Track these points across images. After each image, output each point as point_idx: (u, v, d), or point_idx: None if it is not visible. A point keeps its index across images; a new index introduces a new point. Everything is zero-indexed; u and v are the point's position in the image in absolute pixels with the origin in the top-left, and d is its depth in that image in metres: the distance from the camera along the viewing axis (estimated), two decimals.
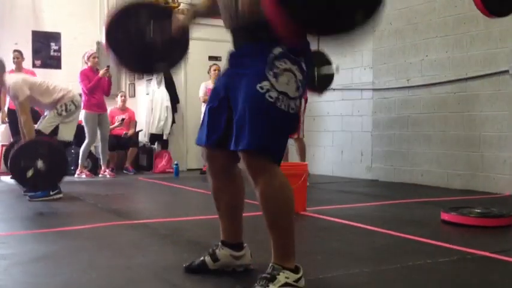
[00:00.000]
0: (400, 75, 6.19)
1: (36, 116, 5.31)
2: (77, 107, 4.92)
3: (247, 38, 2.02)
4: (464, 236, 3.19)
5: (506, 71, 5.07)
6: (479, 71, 5.33)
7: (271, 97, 1.91)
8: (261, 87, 1.91)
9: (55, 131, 4.79)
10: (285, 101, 1.93)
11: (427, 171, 5.87)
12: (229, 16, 2.05)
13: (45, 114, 4.98)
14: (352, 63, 6.84)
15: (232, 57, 2.10)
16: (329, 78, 5.31)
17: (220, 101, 2.09)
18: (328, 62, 5.28)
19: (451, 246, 2.82)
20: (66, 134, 4.89)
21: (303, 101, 5.69)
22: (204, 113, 2.20)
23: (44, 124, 4.80)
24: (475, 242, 2.93)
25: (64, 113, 4.80)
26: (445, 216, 3.54)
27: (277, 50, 1.93)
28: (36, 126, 4.84)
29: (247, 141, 1.91)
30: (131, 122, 7.96)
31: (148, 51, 2.42)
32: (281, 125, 1.96)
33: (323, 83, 5.26)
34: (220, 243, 2.28)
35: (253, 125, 1.91)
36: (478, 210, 3.54)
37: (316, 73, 5.10)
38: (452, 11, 5.59)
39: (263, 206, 1.97)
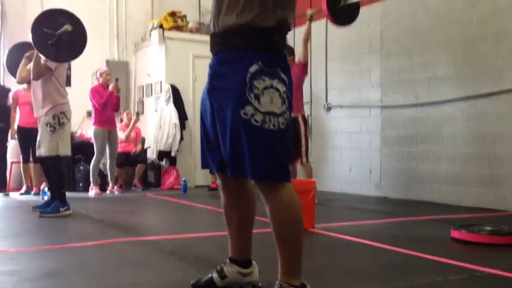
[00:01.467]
0: (408, 93, 6.19)
1: None
2: (68, 120, 4.89)
3: (224, 44, 1.99)
4: (475, 254, 3.15)
5: None
6: (488, 88, 5.31)
7: (256, 121, 1.88)
8: (245, 114, 1.89)
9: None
10: (272, 120, 1.90)
11: (437, 188, 5.83)
12: (212, 20, 2.04)
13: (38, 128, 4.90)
14: (360, 81, 6.86)
15: (211, 71, 2.06)
16: (356, 5, 5.32)
17: (210, 125, 2.09)
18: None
19: (461, 264, 2.79)
20: (64, 149, 4.81)
21: (301, 123, 5.60)
22: (200, 136, 2.20)
23: (46, 148, 4.74)
24: (485, 260, 2.89)
25: (57, 127, 4.74)
26: (455, 234, 3.51)
27: (253, 68, 1.90)
28: (38, 154, 4.84)
29: (249, 172, 1.92)
30: (138, 138, 8.00)
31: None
32: (275, 145, 1.92)
33: (350, 13, 5.27)
34: (228, 260, 2.26)
35: (248, 154, 1.90)
36: (489, 228, 3.50)
37: (342, 3, 5.13)
38: (460, 28, 5.60)
39: (272, 222, 1.96)
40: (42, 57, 4.64)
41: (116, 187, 7.20)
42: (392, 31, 6.42)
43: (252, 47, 1.93)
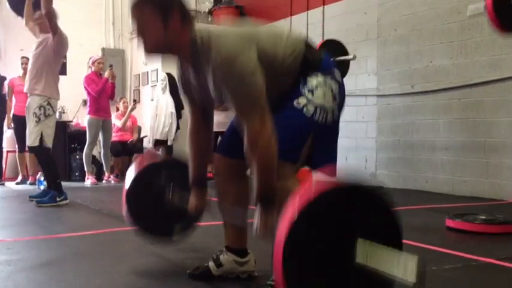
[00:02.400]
0: (405, 82, 6.19)
1: None
2: (54, 112, 4.86)
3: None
4: (469, 243, 3.17)
5: (511, 78, 5.06)
6: (483, 77, 5.32)
7: (309, 110, 1.95)
8: (298, 103, 1.96)
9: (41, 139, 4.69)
10: (322, 114, 1.97)
11: (432, 177, 5.85)
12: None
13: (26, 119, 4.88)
14: (357, 70, 6.84)
15: None
16: (346, 65, 5.53)
17: None
18: (345, 52, 5.50)
19: (456, 253, 2.81)
20: (46, 140, 4.73)
21: None
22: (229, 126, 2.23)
23: (30, 138, 4.72)
24: (480, 248, 2.92)
25: (43, 118, 4.69)
26: (450, 222, 3.53)
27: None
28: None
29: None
30: (134, 127, 7.98)
31: (166, 216, 2.48)
32: (321, 137, 2.00)
33: (341, 70, 5.28)
34: (224, 249, 2.27)
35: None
36: (483, 217, 3.52)
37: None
38: (457, 17, 5.58)
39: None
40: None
41: (112, 176, 7.20)
42: (389, 19, 6.40)
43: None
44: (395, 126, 6.33)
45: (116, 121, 7.62)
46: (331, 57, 5.21)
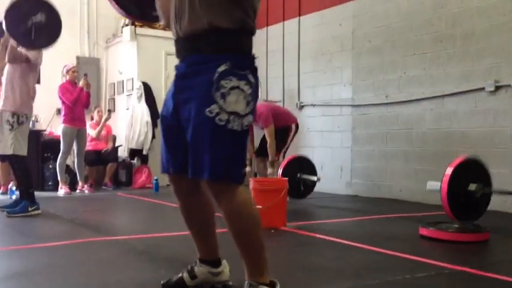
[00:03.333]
0: (379, 92, 6.27)
1: None
2: (27, 119, 4.80)
3: (191, 50, 1.98)
4: (442, 251, 3.22)
5: (482, 88, 5.16)
6: (456, 88, 5.41)
7: (221, 120, 1.87)
8: (210, 112, 1.87)
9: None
10: (236, 121, 1.89)
11: (406, 186, 5.92)
12: (173, 25, 2.02)
13: None
14: (332, 80, 6.91)
15: (178, 72, 2.05)
16: (312, 184, 5.83)
17: (172, 127, 2.06)
18: (313, 172, 5.77)
19: (429, 261, 2.84)
20: (19, 149, 4.63)
21: (293, 127, 6.03)
22: (162, 139, 2.16)
23: (4, 146, 4.63)
24: (452, 257, 2.96)
25: (16, 125, 4.62)
26: (423, 231, 3.57)
27: (222, 68, 1.89)
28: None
29: (208, 171, 1.89)
30: (109, 136, 7.90)
31: None
32: (237, 146, 1.93)
33: (307, 189, 5.80)
34: (198, 260, 2.26)
35: (210, 153, 1.89)
36: (456, 226, 3.58)
37: (300, 179, 5.68)
38: (430, 29, 5.68)
39: (228, 225, 1.95)
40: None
41: (86, 186, 7.10)
42: (364, 31, 6.49)
43: (220, 49, 1.92)
44: (370, 135, 6.39)
45: (91, 130, 7.54)
46: (298, 173, 5.66)
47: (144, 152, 7.92)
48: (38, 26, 4.47)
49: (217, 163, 1.89)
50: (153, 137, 7.96)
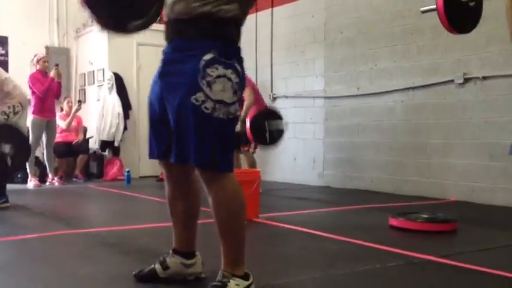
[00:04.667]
0: (351, 84, 6.32)
1: None
2: (23, 108, 4.81)
3: (179, 33, 1.98)
4: (412, 241, 3.27)
5: (451, 81, 5.25)
6: (425, 80, 5.49)
7: (207, 108, 1.88)
8: (196, 99, 1.88)
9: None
10: (222, 109, 1.90)
11: (377, 177, 6.00)
12: (167, 7, 2.01)
13: None
14: (305, 71, 6.94)
15: (164, 57, 2.04)
16: (280, 132, 5.47)
17: (158, 112, 2.06)
18: (279, 117, 5.47)
19: (398, 251, 2.89)
20: (22, 124, 4.83)
21: None
22: (148, 123, 2.17)
23: None
24: (421, 246, 3.01)
25: (12, 115, 4.69)
26: (393, 221, 3.63)
27: (208, 56, 1.89)
28: None
29: (193, 158, 1.91)
30: (79, 128, 7.79)
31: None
32: (223, 134, 1.93)
33: (274, 137, 5.46)
34: (171, 251, 2.26)
35: (195, 141, 1.90)
36: (425, 216, 3.64)
37: (267, 128, 5.36)
38: (401, 21, 5.75)
39: (215, 212, 1.97)
40: None
41: (56, 178, 7.00)
42: (336, 22, 6.52)
43: (207, 36, 1.92)
44: (341, 127, 6.45)
45: (60, 122, 7.41)
46: (265, 122, 5.35)
47: (116, 144, 7.84)
48: None
49: (202, 151, 1.90)
50: (125, 128, 7.88)
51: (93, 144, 7.99)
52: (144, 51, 7.83)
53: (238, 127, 5.58)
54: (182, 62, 1.94)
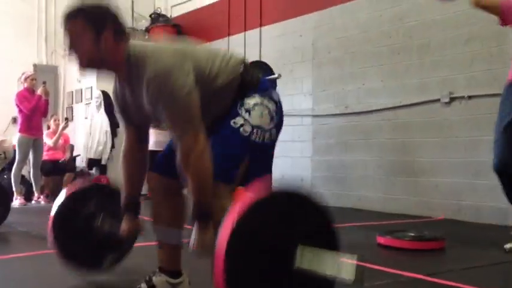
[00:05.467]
0: (339, 102, 6.36)
1: None
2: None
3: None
4: (399, 259, 3.27)
5: (438, 100, 5.30)
6: (412, 99, 5.54)
7: (245, 131, 1.96)
8: (235, 123, 1.96)
9: None
10: (259, 134, 1.99)
11: (364, 195, 6.01)
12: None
13: None
14: (293, 90, 6.97)
15: None
16: (274, 84, 5.50)
17: None
18: (271, 71, 5.41)
19: (386, 269, 2.88)
20: None
21: None
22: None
23: None
24: (409, 264, 3.01)
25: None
26: (380, 239, 3.63)
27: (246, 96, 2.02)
28: None
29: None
30: (66, 146, 7.75)
31: (97, 245, 2.39)
32: (257, 156, 2.02)
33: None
34: (157, 270, 2.23)
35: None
36: (412, 234, 3.65)
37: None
38: (387, 41, 5.82)
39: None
40: None
41: (42, 197, 6.94)
42: (324, 42, 6.58)
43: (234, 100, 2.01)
44: (329, 145, 6.47)
45: (47, 139, 7.37)
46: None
47: (103, 162, 7.79)
48: None
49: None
50: (113, 146, 7.85)
51: (80, 163, 7.95)
52: None
53: None
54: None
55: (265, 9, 7.44)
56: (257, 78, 2.09)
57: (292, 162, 6.95)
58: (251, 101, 1.99)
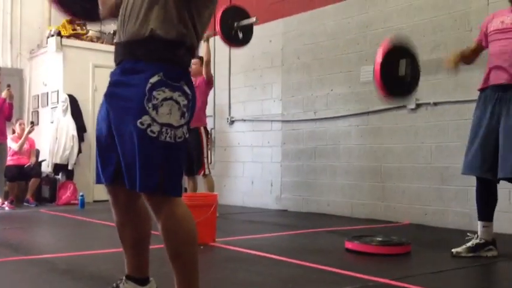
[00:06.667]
0: (308, 108, 6.40)
1: None
2: None
3: (127, 54, 1.96)
4: (367, 264, 3.30)
5: (404, 106, 5.39)
6: (379, 105, 5.61)
7: (153, 132, 1.85)
8: (142, 123, 1.85)
9: None
10: (169, 133, 1.87)
11: (333, 201, 6.06)
12: (117, 29, 2.01)
13: None
14: (262, 95, 6.99)
15: (112, 79, 2.02)
16: (250, 28, 5.42)
17: (105, 135, 2.02)
18: (247, 15, 5.40)
19: (354, 274, 2.91)
20: None
21: (203, 134, 5.74)
22: (96, 146, 2.11)
23: None
24: (376, 269, 3.04)
25: None
26: (349, 244, 3.66)
27: (154, 79, 1.87)
28: None
29: (139, 184, 1.86)
30: (31, 150, 7.60)
31: None
32: (169, 158, 1.90)
33: (245, 34, 5.39)
34: (124, 278, 2.20)
35: (141, 166, 1.86)
36: (379, 239, 3.69)
37: (236, 26, 5.25)
38: (355, 48, 5.89)
39: (165, 239, 1.92)
40: None
41: (6, 203, 6.78)
42: (293, 48, 6.63)
43: (155, 58, 1.91)
44: (299, 151, 6.51)
45: (12, 144, 7.22)
46: (234, 22, 5.37)
47: (70, 167, 7.66)
48: None
49: (148, 175, 1.86)
50: (79, 151, 7.72)
51: (46, 168, 7.79)
52: (101, 73, 7.73)
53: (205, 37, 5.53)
54: (129, 84, 1.91)
55: None
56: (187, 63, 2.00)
57: (262, 167, 6.96)
58: (159, 96, 1.86)
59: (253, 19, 5.38)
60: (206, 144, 5.75)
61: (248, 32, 5.45)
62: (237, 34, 5.32)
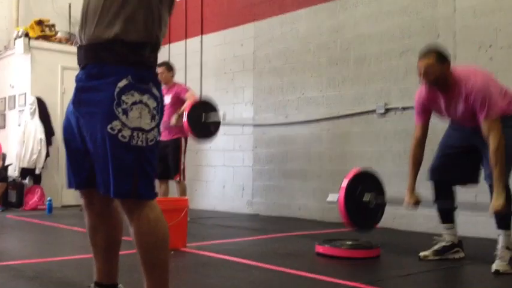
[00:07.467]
0: (279, 112, 6.42)
1: None
2: None
3: (92, 58, 1.92)
4: (337, 268, 3.33)
5: (374, 111, 5.45)
6: (349, 109, 5.68)
7: (124, 137, 1.82)
8: (112, 129, 1.82)
9: None
10: (140, 137, 1.85)
11: (304, 205, 6.09)
12: (78, 31, 1.96)
13: None
14: (234, 99, 6.99)
15: (78, 84, 1.97)
16: (216, 124, 5.54)
17: (78, 141, 1.98)
18: (214, 109, 5.43)
19: (325, 278, 2.92)
20: None
21: (182, 140, 5.68)
22: (66, 153, 2.08)
23: None
24: (347, 273, 3.07)
25: None
26: (319, 248, 3.69)
27: (123, 83, 1.85)
28: None
29: (113, 189, 1.84)
30: None
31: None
32: (142, 162, 1.87)
33: (212, 130, 5.53)
34: (93, 285, 2.17)
35: (113, 171, 1.83)
36: (349, 242, 3.73)
37: (203, 120, 5.41)
38: (326, 52, 5.94)
39: (137, 243, 1.90)
40: None
41: None
42: (264, 52, 6.64)
43: (121, 61, 1.88)
44: (270, 155, 6.52)
45: None
46: (202, 116, 5.43)
47: (37, 172, 7.52)
48: None
49: (122, 181, 1.84)
50: (47, 155, 7.59)
51: (13, 172, 7.63)
52: (69, 75, 7.61)
53: (173, 120, 5.53)
54: (97, 89, 1.88)
55: (206, 18, 7.44)
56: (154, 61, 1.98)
57: (234, 171, 6.95)
58: (129, 100, 1.83)
59: (221, 114, 5.63)
60: (184, 151, 5.74)
61: (216, 125, 5.60)
62: (203, 129, 5.48)
